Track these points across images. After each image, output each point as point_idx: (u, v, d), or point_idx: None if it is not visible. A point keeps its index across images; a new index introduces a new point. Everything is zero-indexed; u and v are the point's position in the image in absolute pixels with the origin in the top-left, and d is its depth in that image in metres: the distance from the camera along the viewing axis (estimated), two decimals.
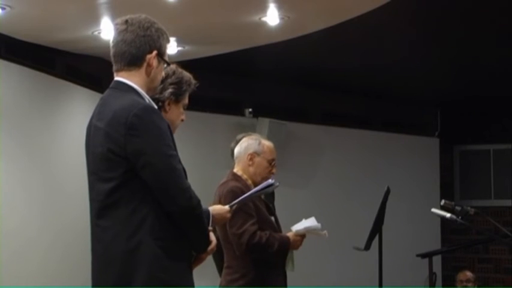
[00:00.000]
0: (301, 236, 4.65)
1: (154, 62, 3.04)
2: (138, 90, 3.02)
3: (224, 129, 8.65)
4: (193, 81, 3.72)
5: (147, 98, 3.04)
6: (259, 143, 4.73)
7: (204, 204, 3.05)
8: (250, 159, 4.67)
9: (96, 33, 6.68)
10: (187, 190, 2.91)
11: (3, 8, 5.90)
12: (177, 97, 3.64)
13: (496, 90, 9.82)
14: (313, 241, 5.26)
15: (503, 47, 7.92)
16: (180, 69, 3.71)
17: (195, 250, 3.05)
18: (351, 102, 10.22)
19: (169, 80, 3.66)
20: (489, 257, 10.82)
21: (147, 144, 2.86)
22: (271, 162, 4.72)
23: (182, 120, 3.71)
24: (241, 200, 3.98)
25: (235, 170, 4.71)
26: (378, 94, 10.20)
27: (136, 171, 2.87)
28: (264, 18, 6.42)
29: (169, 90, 3.63)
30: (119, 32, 3.06)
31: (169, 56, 7.78)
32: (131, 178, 2.88)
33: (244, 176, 4.67)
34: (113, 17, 6.28)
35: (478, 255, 10.85)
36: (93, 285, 3.01)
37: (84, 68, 7.66)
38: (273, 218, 4.72)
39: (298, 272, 5.05)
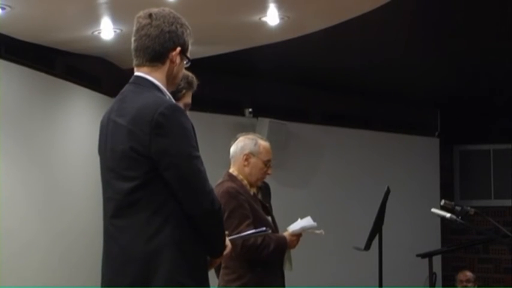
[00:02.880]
0: (298, 235, 4.64)
1: (177, 59, 2.96)
2: (159, 87, 2.93)
3: (224, 129, 8.65)
4: (194, 81, 3.69)
5: (168, 95, 2.96)
6: (256, 143, 4.67)
7: None
8: (246, 159, 4.64)
9: (96, 33, 6.68)
10: (211, 193, 2.85)
11: (3, 8, 5.90)
12: (174, 94, 3.62)
13: (496, 90, 9.82)
14: (313, 241, 5.26)
15: (504, 47, 7.92)
16: None
17: (211, 254, 2.99)
18: (351, 102, 10.22)
19: None
20: (489, 257, 10.83)
21: (172, 144, 2.78)
22: (266, 163, 4.67)
23: None
24: (232, 238, 4.02)
25: (230, 171, 4.68)
26: (378, 94, 10.20)
27: (160, 171, 2.79)
28: (264, 18, 6.42)
29: None
30: (142, 26, 2.95)
31: None
32: (153, 178, 2.79)
33: (240, 177, 4.64)
34: (113, 17, 6.28)
35: (478, 255, 10.86)
36: (105, 284, 2.92)
37: (84, 68, 7.66)
38: (269, 218, 4.70)
39: (298, 272, 5.04)
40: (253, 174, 4.64)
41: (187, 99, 3.70)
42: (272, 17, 6.38)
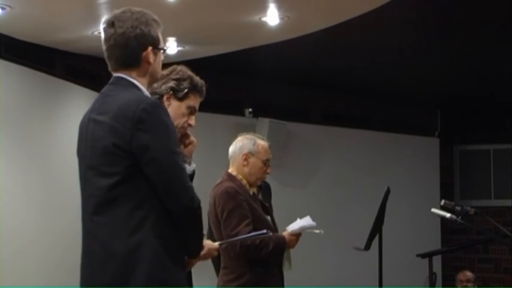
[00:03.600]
0: (297, 235, 4.64)
1: (151, 57, 3.00)
2: (139, 86, 2.98)
3: (224, 129, 8.65)
4: (199, 83, 3.67)
5: (148, 94, 3.01)
6: (254, 143, 4.67)
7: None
8: (245, 159, 4.64)
9: (96, 33, 6.68)
10: (190, 190, 2.87)
11: (3, 8, 5.90)
12: (175, 92, 3.60)
13: (496, 90, 9.82)
14: (313, 241, 5.26)
15: (504, 47, 7.92)
16: (187, 70, 3.68)
17: (189, 253, 3.00)
18: (351, 102, 10.22)
19: (171, 76, 3.64)
20: (489, 257, 10.82)
21: (153, 140, 2.81)
22: (265, 163, 4.67)
23: (189, 125, 3.64)
24: (233, 241, 4.02)
25: (230, 170, 4.69)
26: (378, 94, 10.20)
27: (141, 166, 2.81)
28: (264, 18, 6.42)
29: (169, 84, 3.61)
30: (109, 37, 2.99)
31: (170, 56, 7.74)
32: (134, 174, 2.82)
33: (239, 176, 4.64)
34: None
35: (478, 255, 10.85)
36: (84, 284, 2.91)
37: (84, 68, 7.67)
38: (269, 218, 4.70)
39: (298, 272, 5.04)
40: (252, 174, 4.64)
41: (191, 101, 3.64)
42: (272, 17, 6.38)
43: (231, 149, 4.72)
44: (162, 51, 3.05)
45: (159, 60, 3.05)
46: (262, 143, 4.71)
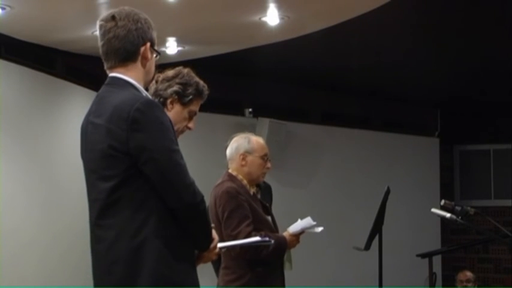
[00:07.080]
0: (297, 235, 4.64)
1: (149, 54, 2.99)
2: (135, 85, 2.95)
3: (224, 129, 8.63)
4: (204, 89, 3.68)
5: (145, 93, 2.99)
6: (249, 141, 4.67)
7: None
8: (243, 159, 4.64)
9: (96, 33, 6.65)
10: (191, 186, 2.85)
11: (3, 8, 5.90)
12: (180, 98, 3.61)
13: (496, 91, 9.82)
14: (313, 241, 5.26)
15: (503, 47, 7.92)
16: (193, 74, 3.68)
17: (198, 248, 3.00)
18: (351, 102, 10.22)
19: (177, 80, 3.64)
20: (489, 257, 10.83)
21: (149, 139, 2.80)
22: (264, 158, 4.67)
23: (189, 128, 3.66)
24: (232, 245, 4.00)
25: (230, 171, 4.68)
26: (378, 94, 10.20)
27: (139, 167, 2.80)
28: (264, 18, 6.42)
29: (174, 88, 3.61)
30: (109, 29, 3.00)
31: (170, 56, 7.76)
32: (133, 175, 2.81)
33: (240, 176, 4.64)
34: None
35: (478, 255, 10.86)
36: (96, 285, 2.94)
37: (84, 68, 7.67)
38: (269, 218, 4.70)
39: (298, 272, 5.05)
40: (253, 172, 4.64)
41: (194, 106, 3.66)
42: (272, 17, 6.38)
43: (228, 151, 4.72)
44: (156, 54, 3.04)
45: (153, 61, 3.04)
46: (256, 139, 4.72)
